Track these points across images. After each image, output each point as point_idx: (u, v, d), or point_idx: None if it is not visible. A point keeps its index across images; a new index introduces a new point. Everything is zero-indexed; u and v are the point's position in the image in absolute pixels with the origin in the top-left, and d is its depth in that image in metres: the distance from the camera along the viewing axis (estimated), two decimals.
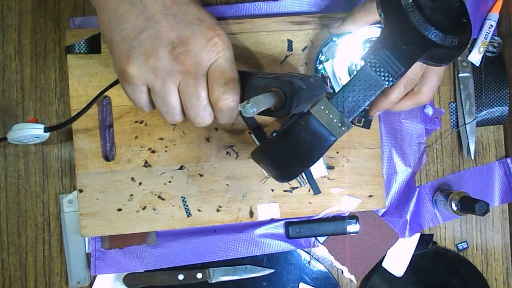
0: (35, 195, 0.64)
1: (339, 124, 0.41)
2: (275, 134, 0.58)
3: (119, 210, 0.60)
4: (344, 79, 0.57)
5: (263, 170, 0.61)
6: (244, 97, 0.46)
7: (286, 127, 0.43)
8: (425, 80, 0.51)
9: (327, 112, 0.41)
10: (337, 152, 0.62)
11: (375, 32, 0.56)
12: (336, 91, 0.58)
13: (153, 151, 0.61)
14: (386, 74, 0.40)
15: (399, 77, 0.40)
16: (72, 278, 0.63)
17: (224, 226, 0.64)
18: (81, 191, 0.60)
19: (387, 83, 0.40)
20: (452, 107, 0.68)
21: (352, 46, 0.57)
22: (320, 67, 0.59)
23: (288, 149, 0.43)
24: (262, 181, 0.62)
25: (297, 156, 0.43)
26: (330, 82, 0.59)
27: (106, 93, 0.60)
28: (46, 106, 0.64)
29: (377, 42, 0.41)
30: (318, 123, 0.41)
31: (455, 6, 0.42)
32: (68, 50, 0.60)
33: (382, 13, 0.41)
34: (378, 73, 0.40)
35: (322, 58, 0.58)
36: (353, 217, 0.64)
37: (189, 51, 0.43)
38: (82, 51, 0.60)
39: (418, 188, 0.67)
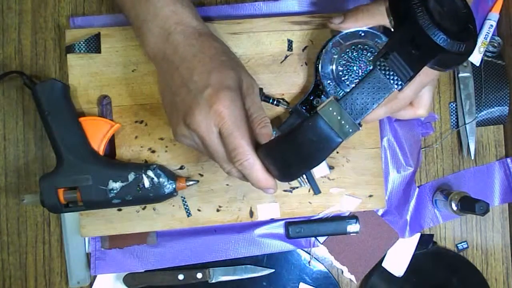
0: None
1: (347, 126, 0.41)
2: (274, 133, 0.58)
3: (119, 210, 0.60)
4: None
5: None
6: None
7: (292, 127, 0.43)
8: (419, 99, 0.52)
9: (335, 113, 0.41)
10: (337, 152, 0.62)
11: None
12: (336, 91, 0.59)
13: (153, 151, 0.61)
14: (396, 78, 0.40)
15: (408, 81, 0.40)
16: (72, 278, 0.63)
17: (224, 226, 0.64)
18: None
19: (396, 86, 0.40)
20: (452, 107, 0.68)
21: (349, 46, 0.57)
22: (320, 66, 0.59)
23: (293, 149, 0.43)
24: None
25: (301, 156, 0.43)
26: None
27: (106, 93, 0.61)
28: None
29: (387, 46, 0.41)
30: (325, 124, 0.41)
31: (462, 12, 0.42)
32: (68, 50, 0.60)
33: (392, 17, 0.42)
34: (388, 77, 0.40)
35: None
36: (353, 217, 0.64)
37: (193, 122, 0.47)
38: (82, 51, 0.60)
39: (418, 188, 0.67)
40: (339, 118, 0.41)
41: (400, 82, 0.40)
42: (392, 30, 0.42)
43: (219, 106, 0.45)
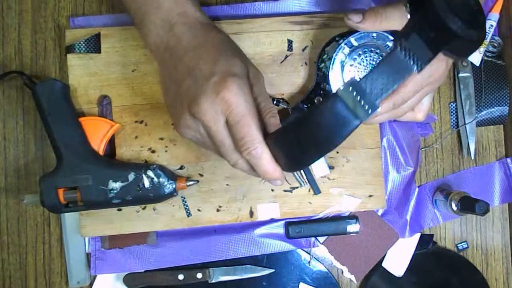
0: None
1: (366, 107, 0.40)
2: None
3: (119, 210, 0.60)
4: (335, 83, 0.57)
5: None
6: None
7: (309, 109, 0.42)
8: (419, 104, 0.52)
9: (354, 94, 0.40)
10: (337, 152, 0.62)
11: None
12: (334, 91, 0.58)
13: (153, 151, 0.61)
14: (415, 59, 0.40)
15: (427, 62, 0.40)
16: (72, 278, 0.63)
17: (224, 226, 0.64)
18: None
19: (415, 67, 0.40)
20: (452, 107, 0.68)
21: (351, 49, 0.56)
22: (322, 65, 0.59)
23: (307, 132, 0.41)
24: (262, 181, 0.62)
25: (316, 140, 0.41)
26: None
27: (106, 93, 0.61)
28: None
29: (406, 28, 0.41)
30: (344, 105, 0.40)
31: (472, 1, 0.43)
32: (68, 50, 0.60)
33: (408, 2, 0.42)
34: (408, 57, 0.40)
35: (325, 57, 0.58)
36: (353, 217, 0.64)
37: (198, 111, 0.45)
38: (82, 51, 0.60)
39: (418, 188, 0.67)
40: (358, 98, 0.40)
41: (420, 63, 0.40)
42: (409, 15, 0.42)
43: (226, 93, 0.43)
